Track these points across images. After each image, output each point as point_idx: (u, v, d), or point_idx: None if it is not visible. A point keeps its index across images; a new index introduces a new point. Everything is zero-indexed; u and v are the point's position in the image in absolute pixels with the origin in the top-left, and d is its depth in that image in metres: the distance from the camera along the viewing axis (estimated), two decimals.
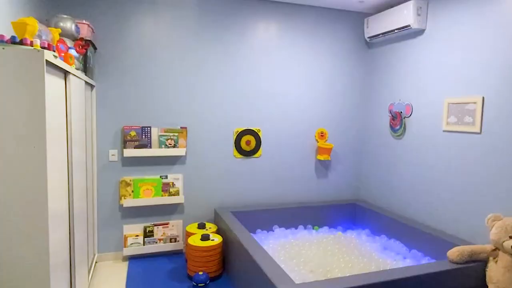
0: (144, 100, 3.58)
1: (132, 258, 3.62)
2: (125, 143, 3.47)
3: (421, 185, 3.48)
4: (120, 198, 3.55)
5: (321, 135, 4.21)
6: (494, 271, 2.45)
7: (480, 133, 2.88)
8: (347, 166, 4.38)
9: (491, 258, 2.53)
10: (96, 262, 3.53)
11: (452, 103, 3.12)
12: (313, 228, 4.04)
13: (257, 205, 4.01)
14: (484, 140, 2.86)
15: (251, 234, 3.67)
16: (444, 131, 3.22)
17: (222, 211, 3.70)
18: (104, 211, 3.55)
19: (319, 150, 4.15)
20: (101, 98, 3.45)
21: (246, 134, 3.92)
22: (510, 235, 2.41)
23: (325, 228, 4.06)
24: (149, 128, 3.55)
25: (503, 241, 2.43)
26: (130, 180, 3.55)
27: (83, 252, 2.65)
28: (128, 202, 3.49)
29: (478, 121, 2.88)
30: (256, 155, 3.99)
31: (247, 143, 3.93)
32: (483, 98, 2.85)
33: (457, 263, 2.52)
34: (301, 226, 3.97)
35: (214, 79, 3.77)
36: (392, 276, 2.29)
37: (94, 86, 3.38)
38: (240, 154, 3.93)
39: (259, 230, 3.85)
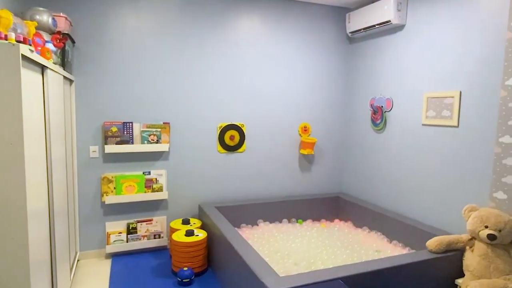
0: (126, 95, 3.52)
1: (115, 255, 3.58)
2: (106, 139, 3.41)
3: (401, 178, 3.56)
4: (102, 195, 3.49)
5: (305, 130, 4.24)
6: (470, 260, 2.54)
7: (457, 126, 2.97)
8: (330, 160, 4.44)
9: (467, 247, 2.62)
10: (78, 260, 3.48)
11: (431, 97, 3.19)
12: (297, 222, 4.09)
13: (242, 200, 4.02)
14: (461, 133, 2.94)
15: (236, 228, 3.69)
16: (423, 124, 3.30)
17: (207, 206, 3.69)
18: (86, 209, 3.49)
19: (303, 145, 4.18)
20: (80, 93, 3.37)
21: (230, 129, 3.91)
22: (485, 225, 2.50)
23: (309, 221, 4.11)
24: (131, 124, 3.49)
25: (479, 231, 2.52)
26: (112, 177, 3.49)
27: (64, 250, 2.60)
28: (110, 199, 3.44)
29: (456, 115, 2.96)
30: (240, 150, 3.99)
31: (231, 138, 3.93)
32: (460, 92, 2.93)
33: (435, 252, 2.60)
34: (285, 220, 4.01)
35: (197, 73, 3.74)
36: (374, 267, 2.35)
37: (73, 81, 3.30)
38: (224, 149, 3.92)
39: (243, 225, 3.87)
